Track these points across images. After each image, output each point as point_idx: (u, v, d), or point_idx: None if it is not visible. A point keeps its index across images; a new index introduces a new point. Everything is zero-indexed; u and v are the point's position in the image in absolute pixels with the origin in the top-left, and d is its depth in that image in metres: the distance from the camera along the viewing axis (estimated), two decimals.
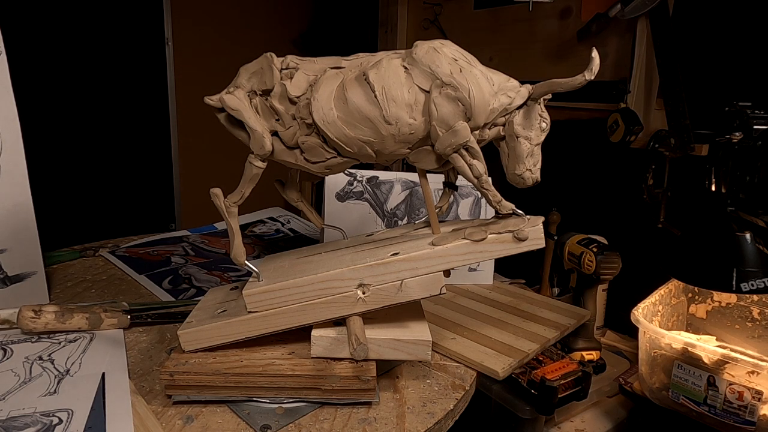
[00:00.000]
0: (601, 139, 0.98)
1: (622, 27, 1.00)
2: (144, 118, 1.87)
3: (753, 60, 0.93)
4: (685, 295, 0.90)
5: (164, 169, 1.97)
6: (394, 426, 0.51)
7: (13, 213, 0.70)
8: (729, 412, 0.68)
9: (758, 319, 0.84)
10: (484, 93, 0.51)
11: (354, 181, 0.88)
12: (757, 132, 0.69)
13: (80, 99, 1.71)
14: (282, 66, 0.55)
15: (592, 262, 0.83)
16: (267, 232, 1.13)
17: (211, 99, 0.55)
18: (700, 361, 0.70)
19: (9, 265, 0.71)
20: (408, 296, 0.53)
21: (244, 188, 0.56)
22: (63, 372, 0.57)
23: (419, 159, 0.55)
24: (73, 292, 0.81)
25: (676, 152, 0.90)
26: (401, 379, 0.60)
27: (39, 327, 0.64)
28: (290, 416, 0.52)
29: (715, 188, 0.72)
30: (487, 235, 0.52)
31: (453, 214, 0.89)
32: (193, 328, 0.55)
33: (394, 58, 0.53)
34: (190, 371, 0.52)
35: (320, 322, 0.55)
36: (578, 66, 0.60)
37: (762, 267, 0.65)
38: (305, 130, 0.54)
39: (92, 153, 1.76)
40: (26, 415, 0.49)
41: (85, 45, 1.68)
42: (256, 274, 0.57)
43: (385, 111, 0.51)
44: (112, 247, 1.01)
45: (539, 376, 0.66)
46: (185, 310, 0.68)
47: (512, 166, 0.53)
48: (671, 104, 0.89)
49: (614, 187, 1.17)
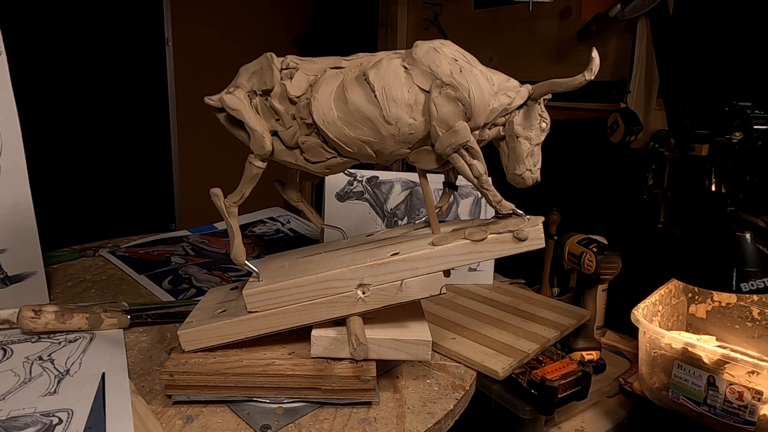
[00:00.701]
0: (601, 139, 0.98)
1: (622, 27, 1.00)
2: (144, 118, 1.87)
3: (753, 60, 0.93)
4: (685, 295, 0.90)
5: (164, 169, 1.97)
6: (394, 426, 0.51)
7: (13, 213, 0.70)
8: (729, 412, 0.68)
9: (758, 319, 0.84)
10: (484, 93, 0.51)
11: (354, 181, 0.88)
12: (757, 132, 0.69)
13: (80, 99, 1.71)
14: (282, 66, 0.55)
15: (592, 262, 0.83)
16: (267, 232, 1.13)
17: (211, 99, 0.55)
18: (700, 361, 0.70)
19: (9, 265, 0.71)
20: (408, 296, 0.53)
21: (244, 188, 0.56)
22: (63, 372, 0.57)
23: (419, 159, 0.55)
24: (73, 292, 0.81)
25: (676, 152, 0.90)
26: (401, 379, 0.60)
27: (39, 327, 0.64)
28: (290, 416, 0.52)
29: (715, 188, 0.72)
30: (487, 235, 0.52)
31: (453, 214, 0.89)
32: (193, 328, 0.55)
33: (394, 58, 0.53)
34: (190, 371, 0.52)
35: (320, 322, 0.55)
36: (578, 66, 0.60)
37: (762, 267, 0.65)
38: (305, 130, 0.54)
39: (92, 153, 1.76)
40: (26, 415, 0.49)
41: (85, 45, 1.68)
42: (256, 274, 0.57)
43: (385, 111, 0.51)
44: (112, 247, 1.01)
45: (539, 376, 0.66)
46: (185, 310, 0.68)
47: (512, 166, 0.53)
48: (671, 104, 0.89)
49: (614, 187, 1.17)
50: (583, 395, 0.69)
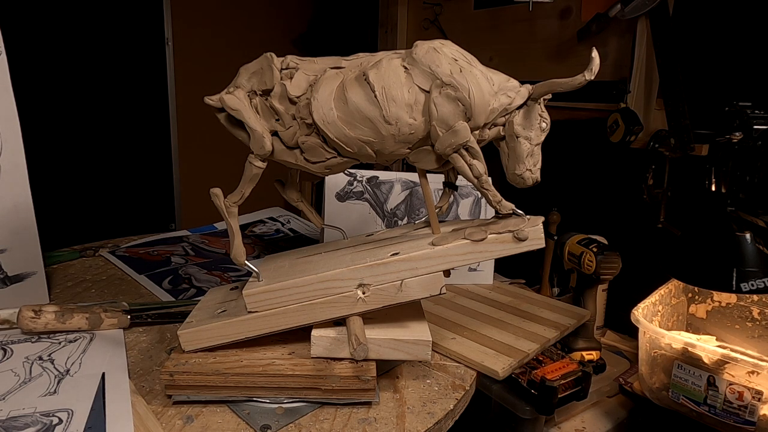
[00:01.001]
0: (601, 139, 0.98)
1: (622, 27, 1.00)
2: (144, 118, 1.87)
3: (753, 60, 0.93)
4: (685, 295, 0.90)
5: (164, 169, 1.97)
6: (394, 426, 0.51)
7: (13, 213, 0.70)
8: (729, 412, 0.68)
9: (758, 319, 0.84)
10: (484, 93, 0.51)
11: (354, 181, 0.88)
12: (757, 132, 0.69)
13: (80, 99, 1.71)
14: (282, 66, 0.55)
15: (592, 262, 0.83)
16: (267, 232, 1.13)
17: (211, 99, 0.55)
18: (700, 361, 0.70)
19: (9, 265, 0.71)
20: (408, 296, 0.53)
21: (244, 188, 0.56)
22: (63, 372, 0.57)
23: (419, 159, 0.55)
24: (73, 292, 0.81)
25: (676, 152, 0.90)
26: (401, 379, 0.60)
27: (39, 327, 0.64)
28: (290, 416, 0.52)
29: (715, 188, 0.72)
30: (487, 235, 0.52)
31: (453, 214, 0.89)
32: (193, 328, 0.55)
33: (394, 58, 0.53)
34: (190, 371, 0.52)
35: (320, 322, 0.55)
36: (578, 66, 0.60)
37: (762, 267, 0.65)
38: (305, 130, 0.54)
39: (92, 153, 1.76)
40: (26, 415, 0.49)
41: (85, 45, 1.68)
42: (256, 274, 0.57)
43: (385, 111, 0.51)
44: (112, 247, 1.01)
45: (539, 376, 0.66)
46: (185, 310, 0.68)
47: (512, 166, 0.53)
48: (671, 104, 0.89)
49: (614, 187, 1.17)
50: (583, 395, 0.69)
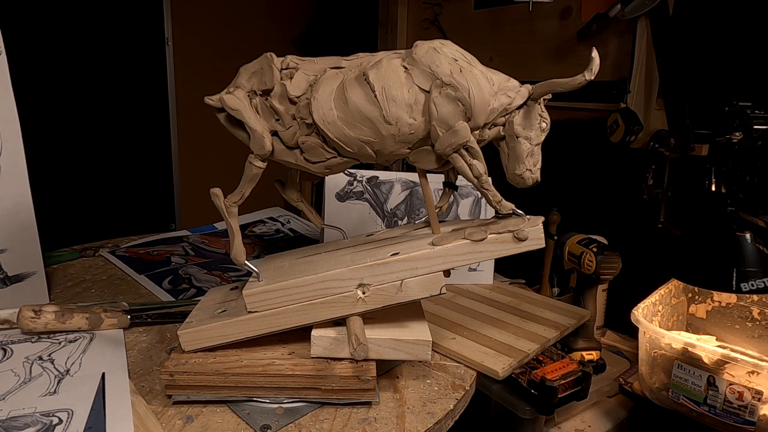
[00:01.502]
0: (601, 139, 0.98)
1: (622, 27, 1.00)
2: (144, 118, 1.87)
3: (753, 60, 0.93)
4: (685, 295, 0.90)
5: (164, 169, 1.97)
6: (394, 426, 0.51)
7: (13, 213, 0.70)
8: (729, 412, 0.68)
9: (758, 319, 0.84)
10: (484, 93, 0.51)
11: (354, 181, 0.88)
12: (757, 132, 0.69)
13: (80, 99, 1.71)
14: (282, 66, 0.55)
15: (592, 262, 0.83)
16: (267, 232, 1.13)
17: (211, 99, 0.55)
18: (700, 361, 0.70)
19: (9, 265, 0.71)
20: (408, 296, 0.53)
21: (244, 188, 0.56)
22: (63, 372, 0.57)
23: (419, 159, 0.55)
24: (73, 292, 0.81)
25: (676, 152, 0.90)
26: (401, 379, 0.60)
27: (39, 327, 0.64)
28: (290, 416, 0.52)
29: (715, 188, 0.72)
30: (487, 235, 0.52)
31: (453, 214, 0.89)
32: (193, 328, 0.55)
33: (394, 58, 0.53)
34: (190, 371, 0.52)
35: (320, 322, 0.55)
36: (578, 66, 0.60)
37: (762, 267, 0.65)
38: (305, 130, 0.54)
39: (92, 153, 1.76)
40: (26, 415, 0.49)
41: (85, 45, 1.68)
42: (256, 274, 0.57)
43: (385, 111, 0.51)
44: (112, 247, 1.01)
45: (539, 376, 0.66)
46: (185, 310, 0.68)
47: (512, 166, 0.53)
48: (671, 104, 0.89)
49: (614, 187, 1.17)
50: (583, 395, 0.69)
